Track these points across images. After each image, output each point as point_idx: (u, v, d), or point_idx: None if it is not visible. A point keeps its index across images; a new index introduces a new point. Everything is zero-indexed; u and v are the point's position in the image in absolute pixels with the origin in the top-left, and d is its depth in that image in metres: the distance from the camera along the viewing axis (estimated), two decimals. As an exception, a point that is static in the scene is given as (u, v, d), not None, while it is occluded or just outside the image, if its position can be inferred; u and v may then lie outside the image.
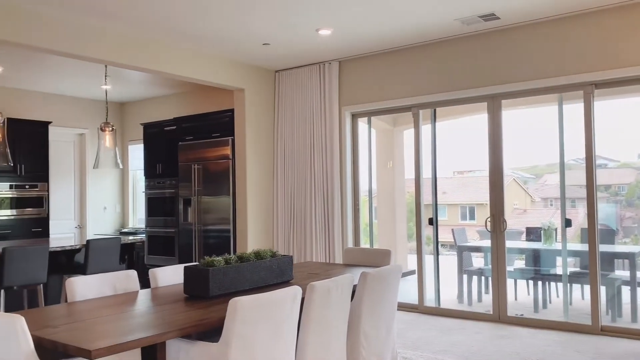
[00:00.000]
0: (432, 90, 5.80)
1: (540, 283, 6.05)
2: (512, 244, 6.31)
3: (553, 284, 6.17)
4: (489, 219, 5.46)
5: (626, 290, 5.39)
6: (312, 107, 6.50)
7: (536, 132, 7.44)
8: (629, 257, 5.50)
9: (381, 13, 4.89)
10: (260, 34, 5.44)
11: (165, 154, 7.62)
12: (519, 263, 6.65)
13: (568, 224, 5.34)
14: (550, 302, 6.10)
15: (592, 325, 4.92)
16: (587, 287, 5.09)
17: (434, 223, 5.93)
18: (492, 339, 4.82)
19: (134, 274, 3.39)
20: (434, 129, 5.98)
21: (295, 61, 6.47)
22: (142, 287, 3.44)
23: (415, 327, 5.27)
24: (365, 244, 6.67)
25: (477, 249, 6.76)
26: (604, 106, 5.22)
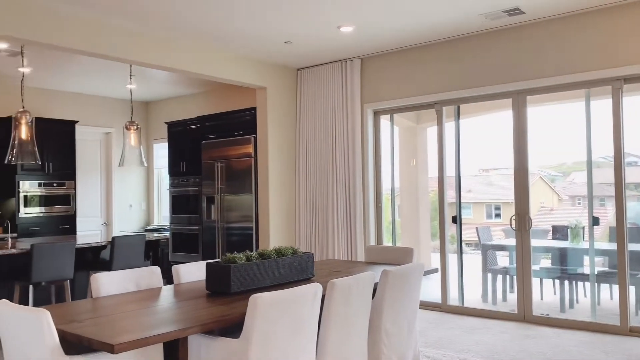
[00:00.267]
0: (456, 87, 5.73)
1: (567, 282, 5.94)
2: (538, 242, 6.21)
3: (580, 283, 6.06)
4: (513, 217, 5.38)
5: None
6: (334, 104, 6.49)
7: (563, 129, 7.31)
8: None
9: (403, 9, 4.85)
10: (282, 32, 5.45)
11: (189, 153, 7.69)
12: (545, 262, 6.54)
13: (595, 222, 5.22)
14: (577, 302, 5.99)
15: (621, 326, 4.81)
16: (616, 287, 5.00)
17: (457, 221, 5.88)
18: (517, 339, 4.75)
19: (157, 270, 3.43)
20: (457, 126, 5.92)
21: (317, 59, 6.47)
22: (167, 283, 3.48)
23: (439, 326, 5.23)
24: (388, 242, 6.64)
25: (501, 248, 6.67)
26: (633, 102, 5.10)
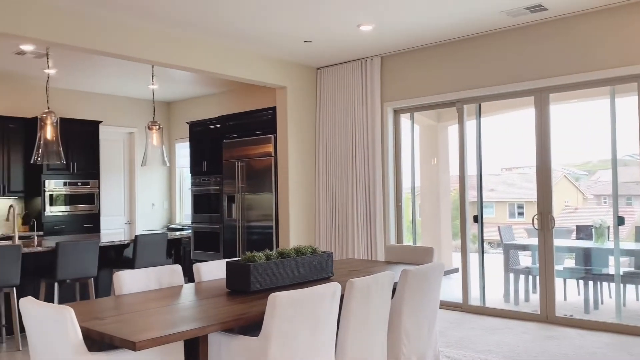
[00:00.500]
0: (477, 85, 5.68)
1: (591, 283, 5.84)
2: (561, 242, 6.12)
3: (605, 284, 5.95)
4: (536, 217, 5.31)
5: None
6: (354, 103, 6.48)
7: (588, 127, 7.18)
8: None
9: (424, 6, 4.82)
10: (302, 32, 5.46)
11: (210, 152, 7.76)
12: (568, 262, 6.43)
13: (621, 221, 5.12)
14: (602, 302, 5.88)
15: (647, 328, 4.72)
16: (642, 288, 4.90)
17: (478, 220, 5.82)
18: (539, 340, 4.68)
19: (178, 268, 3.47)
20: (479, 124, 5.86)
21: (337, 58, 6.46)
22: (189, 281, 3.51)
23: (459, 326, 5.19)
24: (409, 241, 6.60)
25: (524, 247, 6.58)
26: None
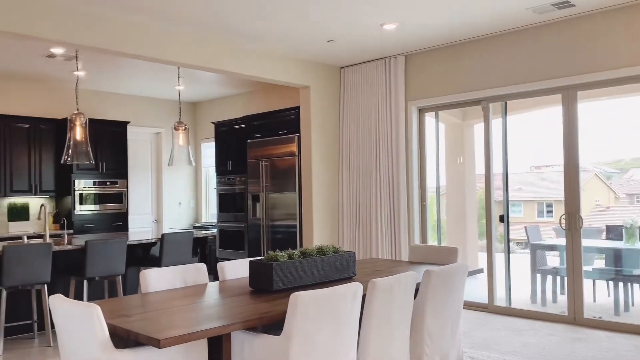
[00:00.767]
0: (503, 83, 5.60)
1: (621, 284, 5.71)
2: (590, 242, 6.00)
3: (636, 285, 5.81)
4: (563, 217, 5.22)
5: None
6: (378, 102, 6.46)
7: (619, 124, 7.01)
8: None
9: (447, 5, 4.77)
10: (325, 31, 5.47)
11: (235, 152, 7.83)
12: (598, 263, 6.30)
13: (652, 221, 5.01)
14: (633, 304, 5.75)
15: (679, 331, 4.60)
16: (674, 290, 4.77)
17: (504, 220, 5.74)
18: (566, 342, 4.61)
19: (203, 267, 3.52)
20: (505, 122, 5.79)
21: (361, 57, 6.45)
22: (214, 279, 3.56)
23: (484, 327, 5.13)
24: (433, 241, 6.56)
25: (551, 248, 6.47)
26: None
